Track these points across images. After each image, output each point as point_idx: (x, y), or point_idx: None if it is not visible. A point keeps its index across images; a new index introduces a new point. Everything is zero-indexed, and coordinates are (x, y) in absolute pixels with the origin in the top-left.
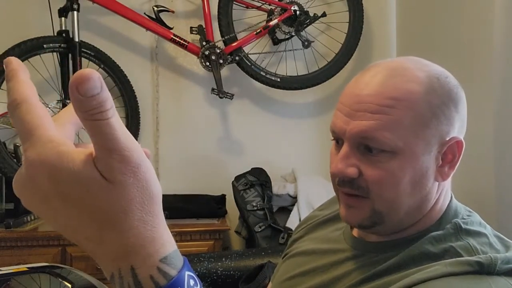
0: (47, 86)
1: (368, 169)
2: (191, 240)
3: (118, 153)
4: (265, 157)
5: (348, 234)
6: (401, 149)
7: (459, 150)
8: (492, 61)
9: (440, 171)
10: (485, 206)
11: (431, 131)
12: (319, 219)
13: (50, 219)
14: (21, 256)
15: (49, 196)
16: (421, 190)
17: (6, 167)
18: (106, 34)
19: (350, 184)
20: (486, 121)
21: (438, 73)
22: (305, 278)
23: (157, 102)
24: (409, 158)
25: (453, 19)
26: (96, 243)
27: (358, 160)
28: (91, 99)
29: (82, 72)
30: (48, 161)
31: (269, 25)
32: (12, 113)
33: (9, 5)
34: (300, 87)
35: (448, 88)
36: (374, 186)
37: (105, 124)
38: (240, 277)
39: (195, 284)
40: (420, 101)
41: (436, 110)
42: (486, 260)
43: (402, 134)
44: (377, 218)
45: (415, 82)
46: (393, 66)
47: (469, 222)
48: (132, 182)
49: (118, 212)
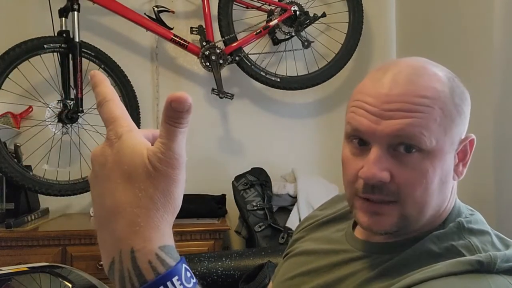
0: (47, 86)
1: (400, 172)
2: (191, 240)
3: (173, 152)
4: (265, 157)
5: (351, 235)
6: (434, 147)
7: (471, 148)
8: (492, 61)
9: (455, 169)
10: (485, 206)
11: (457, 129)
12: (320, 219)
13: (102, 194)
14: (22, 256)
15: (114, 173)
16: (446, 190)
17: (7, 167)
18: (107, 34)
19: (380, 190)
20: (486, 121)
21: (451, 74)
22: (307, 278)
23: (157, 102)
24: (439, 157)
25: (453, 19)
26: (111, 220)
27: (390, 163)
28: (179, 113)
29: (180, 96)
30: (123, 146)
31: (269, 26)
32: (101, 108)
33: (9, 5)
34: (300, 87)
35: (462, 88)
36: (406, 188)
37: (177, 130)
38: (240, 277)
39: (191, 276)
40: (447, 100)
41: (458, 108)
42: (486, 258)
43: (435, 132)
44: (405, 223)
45: (440, 81)
46: (414, 65)
47: (472, 220)
48: (169, 175)
49: (147, 191)
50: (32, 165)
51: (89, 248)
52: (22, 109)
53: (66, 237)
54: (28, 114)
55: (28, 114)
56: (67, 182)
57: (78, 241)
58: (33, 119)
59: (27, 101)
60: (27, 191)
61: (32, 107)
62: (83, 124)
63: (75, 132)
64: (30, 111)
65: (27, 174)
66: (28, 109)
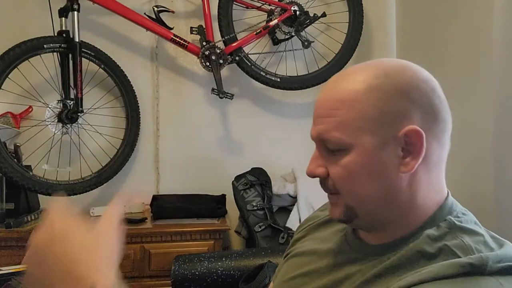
0: (47, 86)
1: (331, 168)
2: (191, 240)
3: None
4: (265, 157)
5: (350, 236)
6: (352, 145)
7: (419, 140)
8: (492, 61)
9: (403, 162)
10: (485, 206)
11: (380, 124)
12: (320, 219)
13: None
14: (21, 256)
15: None
16: (381, 182)
17: (7, 167)
18: (106, 34)
19: (323, 184)
20: (486, 121)
21: (389, 69)
22: (307, 279)
23: (157, 102)
24: (360, 152)
25: (453, 19)
26: None
27: (325, 161)
28: None
29: None
30: None
31: (269, 25)
32: None
33: (9, 5)
34: (300, 87)
35: (396, 81)
36: (337, 182)
37: None
38: (240, 277)
39: None
40: (361, 99)
41: (382, 104)
42: (477, 260)
43: (349, 131)
44: (351, 212)
45: (357, 82)
46: (343, 72)
47: (464, 220)
48: None
49: None
50: (32, 165)
51: None
52: (22, 109)
53: None
54: (28, 114)
55: (28, 114)
56: (67, 182)
57: None
58: (33, 119)
59: (27, 101)
60: (27, 191)
61: (32, 107)
62: (83, 124)
63: (75, 132)
64: (30, 111)
65: (27, 174)
66: (28, 109)
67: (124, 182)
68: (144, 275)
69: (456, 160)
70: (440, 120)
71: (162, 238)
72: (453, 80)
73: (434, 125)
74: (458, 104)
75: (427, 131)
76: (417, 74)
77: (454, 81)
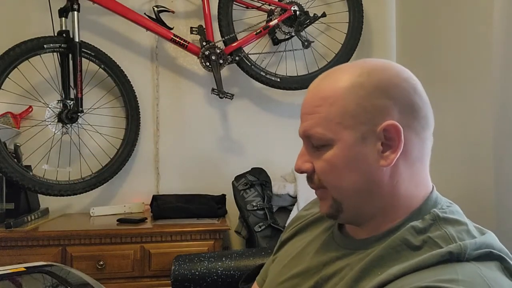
0: (47, 86)
1: (316, 163)
2: (191, 240)
3: None
4: (265, 157)
5: (337, 233)
6: (333, 140)
7: (397, 134)
8: (492, 61)
9: (382, 156)
10: (485, 206)
11: (360, 120)
12: (307, 219)
13: None
14: (21, 256)
15: None
16: (362, 174)
17: (7, 167)
18: (106, 34)
19: (310, 179)
20: (486, 121)
21: (372, 68)
22: (298, 280)
23: (157, 102)
24: (342, 147)
25: (453, 19)
26: None
27: (311, 156)
28: None
29: None
30: None
31: (269, 25)
32: None
33: (9, 5)
34: (300, 87)
35: (377, 79)
36: (322, 176)
37: None
38: (240, 277)
39: None
40: (342, 96)
41: (363, 101)
42: (456, 248)
43: (331, 127)
44: (337, 205)
45: (340, 80)
46: (328, 71)
47: (448, 211)
48: None
49: None
50: (32, 165)
51: (89, 248)
52: (22, 109)
53: (66, 237)
54: (28, 114)
55: (28, 114)
56: (67, 182)
57: (78, 241)
58: (33, 119)
59: (27, 101)
60: (27, 191)
61: (32, 107)
62: (83, 124)
63: (75, 132)
64: (30, 111)
65: (27, 174)
66: (28, 109)
67: (124, 182)
68: (144, 275)
69: (456, 160)
70: (421, 117)
71: (162, 238)
72: (453, 80)
73: (414, 121)
74: (458, 104)
75: (406, 127)
76: (399, 73)
77: (454, 81)
